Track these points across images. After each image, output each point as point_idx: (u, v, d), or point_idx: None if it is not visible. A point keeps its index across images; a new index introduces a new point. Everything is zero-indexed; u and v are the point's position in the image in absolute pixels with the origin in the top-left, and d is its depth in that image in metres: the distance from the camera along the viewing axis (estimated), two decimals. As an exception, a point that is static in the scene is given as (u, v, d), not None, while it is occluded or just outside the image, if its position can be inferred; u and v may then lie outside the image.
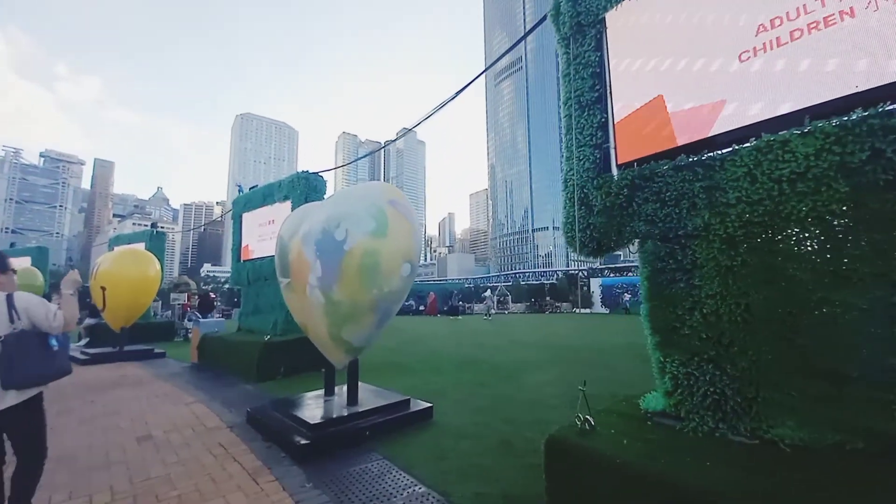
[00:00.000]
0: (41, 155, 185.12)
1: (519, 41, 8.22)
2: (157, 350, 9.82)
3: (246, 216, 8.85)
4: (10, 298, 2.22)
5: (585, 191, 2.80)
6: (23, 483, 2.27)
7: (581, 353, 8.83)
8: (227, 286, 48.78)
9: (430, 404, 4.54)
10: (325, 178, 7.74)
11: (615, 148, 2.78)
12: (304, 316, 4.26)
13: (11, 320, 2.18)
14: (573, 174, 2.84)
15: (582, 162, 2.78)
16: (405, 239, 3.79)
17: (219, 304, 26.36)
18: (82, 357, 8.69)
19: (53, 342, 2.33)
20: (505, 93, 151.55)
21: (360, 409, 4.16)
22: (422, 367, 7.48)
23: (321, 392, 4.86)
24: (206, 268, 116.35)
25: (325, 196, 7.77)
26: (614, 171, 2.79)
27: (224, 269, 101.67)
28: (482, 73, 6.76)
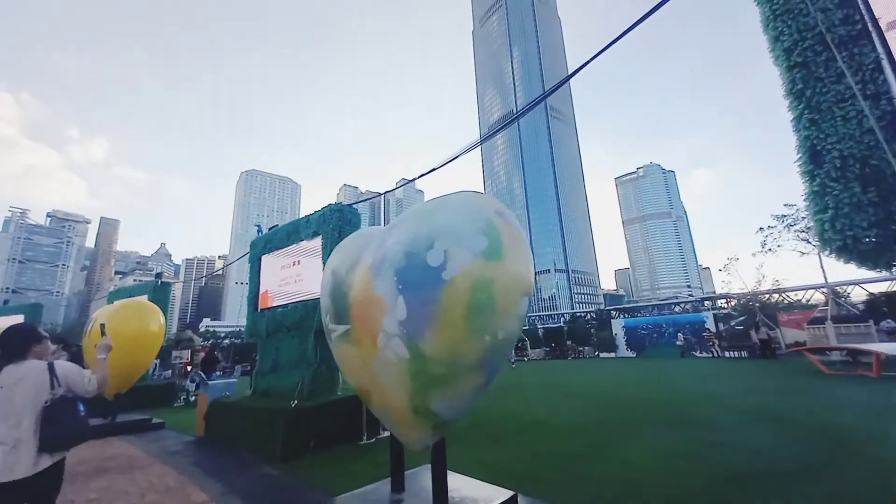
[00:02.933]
0: (48, 215, 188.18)
1: (509, 122, 7.73)
2: (154, 420, 8.38)
3: (266, 259, 7.86)
4: (51, 367, 2.36)
5: (854, 162, 1.81)
6: None
7: (655, 407, 7.41)
8: (226, 341, 46.73)
9: None
10: (359, 212, 6.85)
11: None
12: (367, 378, 3.10)
13: (52, 387, 2.30)
14: (829, 140, 1.86)
15: (847, 123, 1.81)
16: (524, 263, 2.75)
17: (220, 362, 24.64)
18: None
19: (81, 407, 2.46)
20: (499, 143, 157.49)
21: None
22: (472, 431, 6.10)
23: (381, 486, 3.57)
24: (206, 322, 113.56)
25: (360, 231, 6.83)
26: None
27: (224, 325, 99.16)
28: (478, 144, 6.85)
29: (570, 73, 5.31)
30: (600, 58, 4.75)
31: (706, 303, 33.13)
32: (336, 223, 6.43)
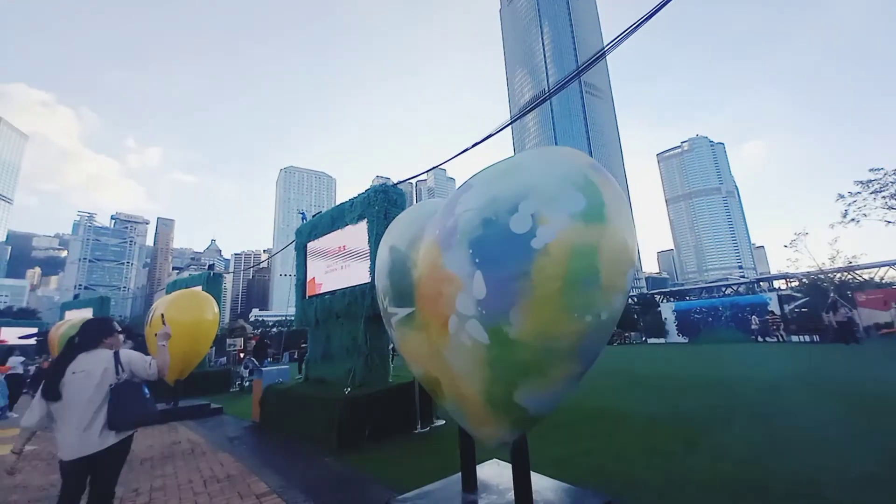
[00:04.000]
0: (112, 217, 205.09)
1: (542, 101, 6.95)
2: (213, 405, 8.65)
3: (312, 246, 7.74)
4: (116, 355, 2.62)
5: None
6: None
7: (736, 393, 6.62)
8: (274, 330, 49.02)
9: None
10: (404, 192, 6.51)
11: None
12: (435, 367, 2.74)
13: (117, 372, 2.56)
14: None
15: None
16: (629, 228, 2.24)
17: (270, 349, 25.70)
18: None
19: (146, 391, 2.69)
20: (531, 125, 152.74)
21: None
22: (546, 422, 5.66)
23: (451, 484, 3.24)
24: (255, 312, 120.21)
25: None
26: None
27: (272, 314, 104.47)
28: (508, 124, 6.65)
29: (605, 45, 4.82)
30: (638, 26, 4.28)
31: (763, 284, 30.36)
32: (381, 205, 6.12)
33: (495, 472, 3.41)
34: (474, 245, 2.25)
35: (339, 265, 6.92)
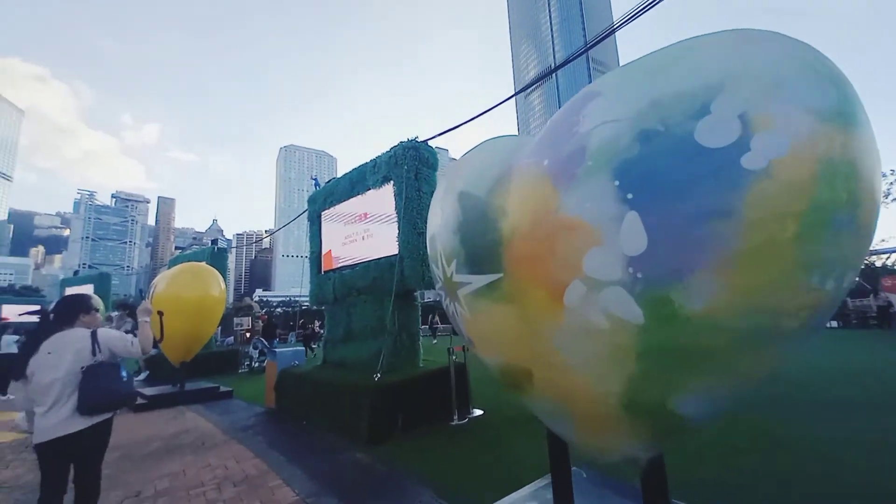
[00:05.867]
0: (112, 196, 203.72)
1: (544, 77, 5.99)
2: (222, 388, 8.05)
3: (327, 214, 6.94)
4: (94, 334, 2.47)
5: None
6: None
7: (791, 385, 5.94)
8: (278, 310, 48.77)
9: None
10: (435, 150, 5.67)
11: None
12: (527, 354, 1.99)
13: (94, 353, 2.41)
14: None
15: None
16: (875, 147, 1.44)
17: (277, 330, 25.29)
18: (140, 401, 6.99)
19: (123, 373, 2.55)
20: (535, 103, 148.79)
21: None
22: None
23: (538, 493, 2.56)
24: (258, 293, 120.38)
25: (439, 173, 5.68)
26: None
27: (275, 294, 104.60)
28: (511, 96, 6.19)
29: (614, 23, 4.64)
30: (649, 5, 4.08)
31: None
32: (411, 163, 5.29)
33: (584, 488, 2.72)
34: (624, 172, 1.45)
35: (360, 235, 6.15)
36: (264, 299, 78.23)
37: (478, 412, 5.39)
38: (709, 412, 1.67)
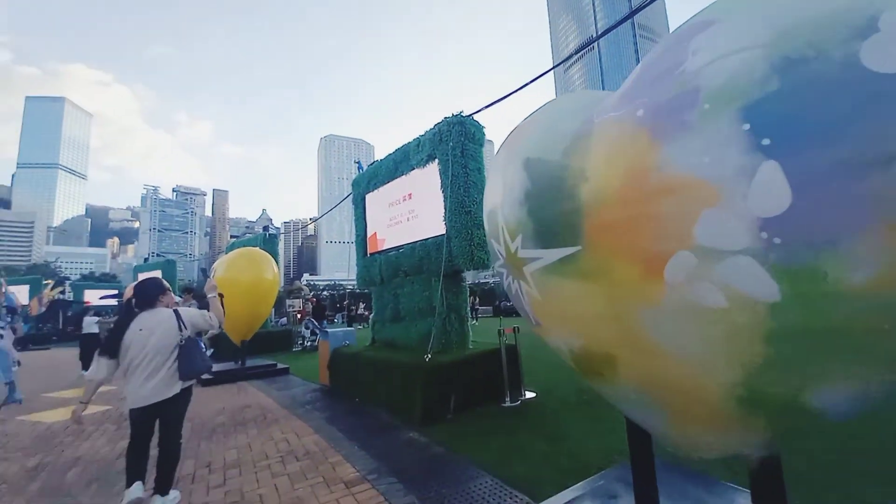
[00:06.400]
0: (173, 189, 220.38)
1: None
2: (279, 365, 8.47)
3: (371, 197, 6.92)
4: (177, 313, 2.82)
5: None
6: (168, 466, 2.72)
7: None
8: (325, 293, 50.92)
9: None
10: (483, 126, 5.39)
11: None
12: (610, 337, 1.77)
13: (180, 329, 2.76)
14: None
15: None
16: None
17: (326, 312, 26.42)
18: (205, 376, 7.51)
19: (202, 346, 3.26)
20: (576, 78, 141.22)
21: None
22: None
23: (604, 488, 2.37)
24: (306, 277, 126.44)
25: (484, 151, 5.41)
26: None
27: (321, 278, 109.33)
28: (550, 69, 5.48)
29: None
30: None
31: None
32: (458, 139, 5.07)
33: (664, 479, 2.49)
34: (757, 113, 1.16)
35: (406, 216, 6.06)
36: (311, 283, 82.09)
37: (530, 394, 5.23)
38: (853, 408, 1.38)
